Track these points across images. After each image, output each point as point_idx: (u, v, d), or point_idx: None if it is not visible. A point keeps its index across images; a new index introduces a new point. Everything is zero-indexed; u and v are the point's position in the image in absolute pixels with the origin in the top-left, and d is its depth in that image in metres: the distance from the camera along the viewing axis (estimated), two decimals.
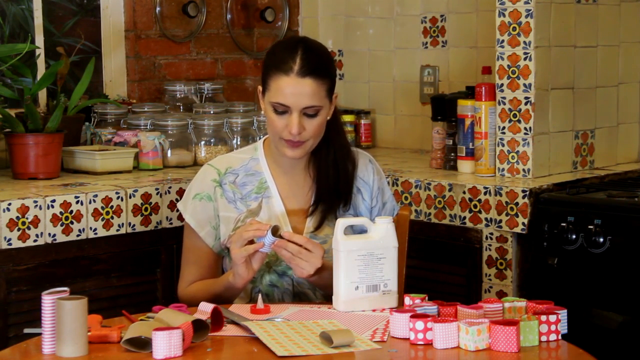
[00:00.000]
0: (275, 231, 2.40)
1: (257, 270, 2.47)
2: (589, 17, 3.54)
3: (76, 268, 2.99)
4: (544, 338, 2.11)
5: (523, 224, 3.16)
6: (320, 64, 2.52)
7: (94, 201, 2.99)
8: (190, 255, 2.67)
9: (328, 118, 2.59)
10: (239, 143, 3.69)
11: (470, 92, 3.52)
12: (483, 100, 3.43)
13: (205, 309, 2.28)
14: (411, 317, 2.11)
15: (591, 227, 3.02)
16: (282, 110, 2.51)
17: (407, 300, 2.28)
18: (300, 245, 2.40)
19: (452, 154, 3.61)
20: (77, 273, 2.98)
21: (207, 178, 2.65)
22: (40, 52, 3.78)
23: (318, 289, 2.62)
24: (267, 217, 2.60)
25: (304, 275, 2.43)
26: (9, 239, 2.82)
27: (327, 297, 2.51)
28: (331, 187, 2.62)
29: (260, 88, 2.60)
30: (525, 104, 3.34)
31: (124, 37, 4.04)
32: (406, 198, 3.43)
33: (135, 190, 3.09)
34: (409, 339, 2.11)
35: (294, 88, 2.49)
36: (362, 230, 2.44)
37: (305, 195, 2.65)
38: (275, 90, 2.51)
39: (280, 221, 2.60)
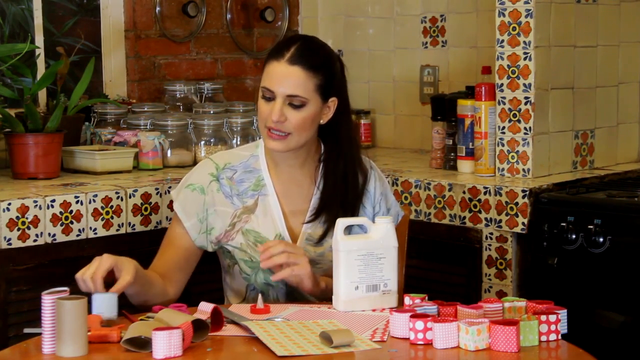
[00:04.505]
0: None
1: (135, 281, 2.37)
2: (589, 17, 3.54)
3: (76, 268, 2.98)
4: (544, 338, 2.11)
5: (523, 223, 3.15)
6: (314, 57, 2.53)
7: (94, 201, 2.99)
8: (168, 246, 2.62)
9: (322, 122, 2.58)
10: (238, 143, 3.68)
11: (470, 92, 3.51)
12: (483, 100, 3.43)
13: (205, 309, 2.28)
14: (411, 317, 2.11)
15: (591, 227, 3.02)
16: (268, 95, 2.53)
17: (407, 300, 2.28)
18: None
19: (452, 154, 3.61)
20: (77, 273, 2.97)
21: (204, 171, 2.64)
22: (40, 52, 3.78)
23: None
24: (262, 215, 2.59)
25: (303, 285, 2.47)
26: (9, 239, 2.82)
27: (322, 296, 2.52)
28: (337, 200, 2.60)
29: None
30: (525, 104, 3.34)
31: (124, 37, 4.04)
32: (406, 198, 3.43)
33: (135, 190, 3.09)
34: (409, 339, 2.11)
35: (281, 74, 2.51)
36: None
37: (304, 197, 2.63)
38: (266, 75, 2.54)
39: (276, 220, 2.59)
